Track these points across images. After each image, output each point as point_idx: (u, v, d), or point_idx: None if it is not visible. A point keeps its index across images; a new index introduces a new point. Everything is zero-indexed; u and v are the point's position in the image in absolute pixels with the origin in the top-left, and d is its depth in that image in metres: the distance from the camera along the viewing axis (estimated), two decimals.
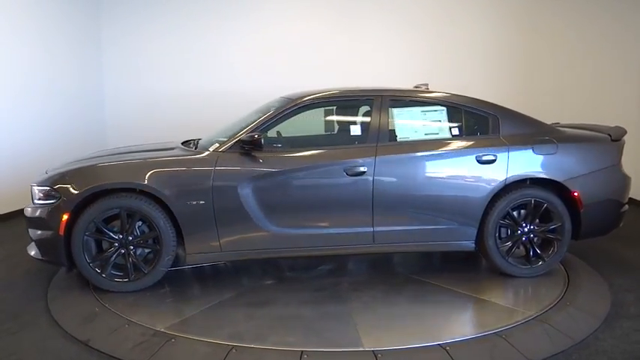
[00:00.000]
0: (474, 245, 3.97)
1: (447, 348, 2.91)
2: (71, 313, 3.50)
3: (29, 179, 4.10)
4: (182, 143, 4.35)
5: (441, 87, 4.25)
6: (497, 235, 3.93)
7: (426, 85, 4.37)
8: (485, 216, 3.90)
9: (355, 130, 4.07)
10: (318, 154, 3.91)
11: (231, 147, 3.81)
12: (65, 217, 3.65)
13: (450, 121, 4.04)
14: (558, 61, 6.94)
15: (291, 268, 4.37)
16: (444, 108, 4.04)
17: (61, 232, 3.66)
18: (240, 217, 3.73)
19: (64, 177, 3.79)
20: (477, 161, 3.87)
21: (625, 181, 4.10)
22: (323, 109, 4.40)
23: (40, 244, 3.81)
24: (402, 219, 3.90)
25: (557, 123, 4.61)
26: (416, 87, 4.34)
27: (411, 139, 3.97)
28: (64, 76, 7.19)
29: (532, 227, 3.96)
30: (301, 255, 4.09)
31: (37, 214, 3.77)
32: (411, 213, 3.90)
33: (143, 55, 7.84)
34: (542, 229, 3.96)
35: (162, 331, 3.16)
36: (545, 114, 4.75)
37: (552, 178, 3.92)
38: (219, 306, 3.56)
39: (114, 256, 3.75)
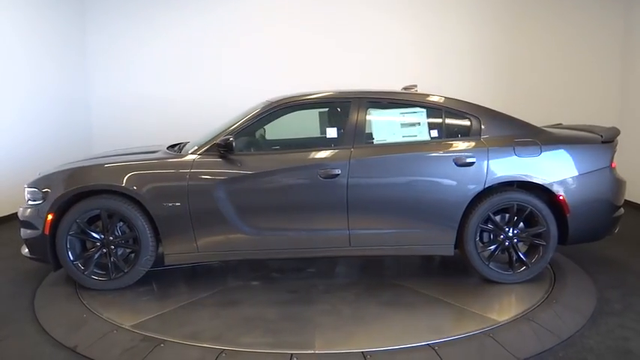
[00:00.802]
0: (453, 249, 3.90)
1: (436, 348, 2.93)
2: (59, 320, 3.48)
3: (13, 184, 4.08)
4: (168, 147, 4.36)
5: (429, 89, 4.26)
6: (477, 239, 3.83)
7: (415, 86, 4.36)
8: (464, 220, 3.81)
9: (331, 133, 4.05)
10: (292, 156, 3.94)
11: (207, 150, 3.89)
12: (50, 217, 3.81)
13: (429, 123, 3.96)
14: (542, 63, 7.01)
15: (275, 269, 4.39)
16: (424, 110, 3.98)
17: (47, 231, 3.81)
18: (215, 219, 3.80)
19: (49, 179, 3.94)
20: (455, 164, 3.78)
21: (618, 184, 3.94)
22: (304, 112, 4.37)
23: (29, 242, 3.96)
24: (378, 222, 3.85)
25: (560, 124, 4.57)
26: (404, 88, 4.33)
27: (388, 141, 3.91)
28: (49, 81, 7.12)
29: (515, 232, 3.86)
30: (278, 257, 4.15)
31: (27, 214, 3.92)
32: (388, 216, 3.84)
33: (128, 59, 7.78)
34: (526, 233, 3.87)
35: (151, 336, 3.14)
36: (534, 115, 4.75)
37: (535, 181, 3.80)
38: (189, 305, 3.64)
39: (96, 255, 3.88)
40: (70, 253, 3.85)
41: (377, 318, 3.39)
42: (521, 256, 3.86)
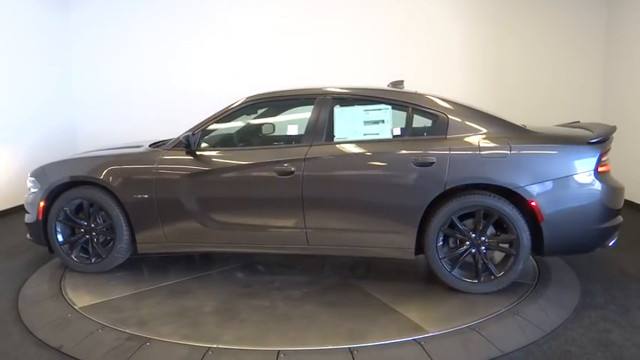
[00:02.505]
0: (413, 254, 3.70)
1: (422, 343, 2.96)
2: (43, 320, 3.44)
3: None
4: (150, 145, 4.42)
5: (418, 86, 4.26)
6: (438, 245, 3.61)
7: (402, 82, 4.26)
8: (425, 224, 3.62)
9: (292, 130, 4.06)
10: (250, 153, 3.98)
11: (175, 145, 4.05)
12: (42, 204, 4.22)
13: (394, 120, 3.81)
14: (527, 61, 7.07)
15: (249, 262, 4.44)
16: (389, 107, 3.82)
17: (40, 216, 4.22)
18: (180, 212, 3.96)
19: (43, 169, 4.35)
20: (414, 164, 3.58)
21: (607, 190, 3.50)
22: (274, 108, 4.41)
23: (29, 226, 4.38)
24: (335, 222, 3.76)
25: (578, 122, 4.21)
26: (390, 84, 4.28)
27: (348, 139, 3.80)
28: (33, 78, 7.04)
29: (483, 239, 3.59)
30: (240, 252, 4.19)
31: (27, 200, 4.37)
32: (345, 216, 3.74)
33: (112, 57, 7.71)
34: (494, 241, 3.60)
35: (137, 335, 3.13)
36: (519, 113, 4.78)
37: (501, 184, 3.49)
38: (143, 293, 3.84)
39: (80, 240, 4.23)
40: (58, 237, 4.23)
41: (304, 317, 3.36)
42: (489, 266, 3.60)
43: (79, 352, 3.00)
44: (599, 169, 3.48)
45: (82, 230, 4.21)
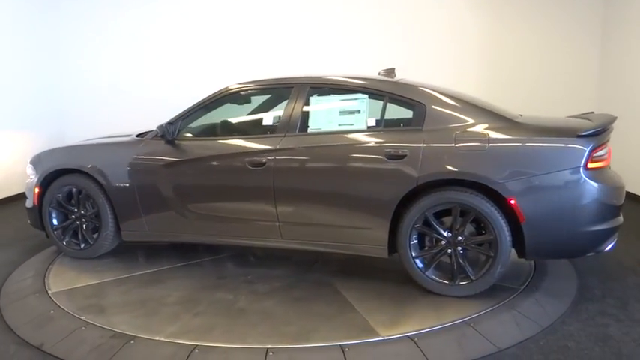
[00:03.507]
0: (387, 252, 3.50)
1: (416, 339, 2.87)
2: (25, 317, 3.34)
3: None
4: (137, 134, 4.35)
5: (411, 74, 4.14)
6: (412, 243, 3.40)
7: (393, 69, 4.10)
8: (398, 220, 3.43)
9: (268, 120, 3.96)
10: (225, 144, 3.89)
11: (156, 135, 4.05)
12: (37, 190, 4.34)
13: (370, 110, 3.62)
14: (523, 51, 6.95)
15: (233, 254, 4.38)
16: (366, 96, 3.65)
17: (36, 202, 4.36)
18: (158, 202, 3.99)
19: (39, 157, 4.48)
20: (387, 157, 3.38)
21: (601, 189, 3.16)
22: (252, 97, 4.31)
23: (28, 211, 4.51)
24: (307, 215, 3.63)
25: (592, 112, 3.91)
26: (381, 72, 4.14)
27: (322, 130, 3.66)
28: (21, 68, 6.88)
29: (459, 238, 3.35)
30: (216, 243, 4.12)
31: (27, 187, 4.49)
32: (317, 210, 3.60)
33: (100, 43, 7.55)
34: (470, 241, 3.35)
35: (120, 332, 3.03)
36: (514, 103, 4.63)
37: (476, 180, 3.23)
38: (120, 280, 3.89)
39: (71, 226, 4.33)
40: (53, 222, 4.35)
41: (259, 313, 3.27)
42: (465, 267, 3.35)
43: (60, 351, 2.91)
44: (590, 165, 3.14)
45: (73, 217, 4.31)
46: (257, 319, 3.19)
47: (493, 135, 3.26)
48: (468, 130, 3.32)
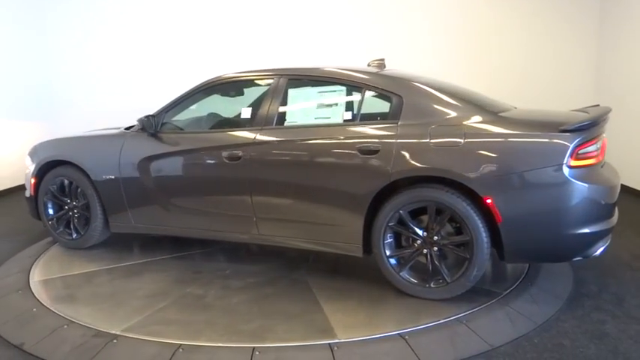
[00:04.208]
0: (361, 251, 3.37)
1: (406, 337, 2.79)
2: (7, 315, 3.25)
3: None
4: (127, 127, 4.32)
5: (403, 66, 4.04)
6: (386, 242, 3.25)
7: (382, 60, 3.96)
8: (372, 219, 3.28)
9: (247, 113, 3.83)
10: (204, 137, 3.88)
11: (138, 128, 4.09)
12: (33, 180, 4.44)
13: (347, 103, 3.50)
14: (520, 43, 6.85)
15: (214, 248, 4.33)
16: (344, 88, 3.53)
17: (32, 192, 4.46)
18: (141, 194, 4.01)
19: (35, 148, 4.57)
20: (359, 152, 3.25)
21: (588, 188, 2.91)
22: (234, 90, 4.25)
23: (27, 201, 4.59)
24: (282, 211, 3.55)
25: (597, 105, 3.67)
26: (371, 63, 4.01)
27: (298, 123, 3.58)
28: (10, 61, 6.76)
29: (435, 238, 3.17)
30: (196, 237, 4.07)
31: (26, 177, 4.55)
32: (291, 206, 3.51)
33: (88, 33, 7.44)
34: (446, 242, 3.16)
35: (104, 331, 2.94)
36: (510, 96, 4.55)
37: (450, 177, 3.04)
38: (99, 272, 3.93)
39: (64, 217, 4.40)
40: (48, 212, 4.42)
41: (223, 310, 3.20)
42: (441, 269, 3.17)
43: (41, 350, 2.83)
44: (574, 162, 2.89)
45: (66, 207, 4.37)
46: (217, 316, 3.12)
47: (469, 130, 3.06)
48: (445, 124, 3.14)
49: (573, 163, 2.89)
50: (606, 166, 3.34)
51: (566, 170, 2.87)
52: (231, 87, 4.16)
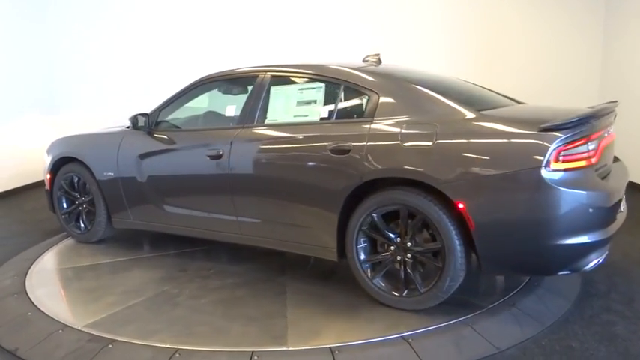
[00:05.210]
0: (336, 255, 3.21)
1: (410, 340, 2.70)
2: (1, 319, 3.19)
3: None
4: (128, 126, 4.30)
5: (402, 61, 3.95)
6: (359, 246, 3.08)
7: (378, 55, 3.79)
8: (346, 222, 3.13)
9: (230, 111, 3.80)
10: (194, 134, 3.94)
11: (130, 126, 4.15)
12: (49, 176, 4.61)
13: (325, 100, 3.37)
14: (524, 39, 6.75)
15: (206, 247, 4.26)
16: (322, 85, 3.40)
17: (48, 187, 4.65)
18: (136, 192, 4.07)
19: (52, 145, 4.71)
20: (331, 152, 3.10)
21: (573, 194, 2.59)
22: (223, 88, 4.19)
23: (46, 194, 4.72)
24: (261, 211, 3.49)
25: (615, 101, 3.27)
26: (366, 58, 3.80)
27: (278, 121, 3.52)
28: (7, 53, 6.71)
29: (409, 245, 2.97)
30: (185, 235, 4.04)
31: (44, 173, 4.69)
32: (269, 206, 3.45)
33: (91, 33, 7.38)
34: (419, 249, 2.95)
35: (99, 336, 2.87)
36: (515, 92, 4.44)
37: (421, 179, 2.82)
38: (89, 267, 4.03)
39: (74, 212, 4.53)
40: (62, 206, 4.58)
41: (188, 311, 3.17)
42: (414, 278, 2.97)
43: (35, 356, 2.78)
44: (556, 164, 2.57)
45: (76, 202, 4.50)
46: (178, 317, 3.09)
47: (442, 129, 2.82)
48: (418, 123, 2.93)
49: (555, 166, 2.58)
50: (615, 165, 3.18)
51: (545, 174, 2.56)
52: (220, 85, 4.12)
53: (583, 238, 2.64)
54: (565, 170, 2.60)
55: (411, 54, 6.41)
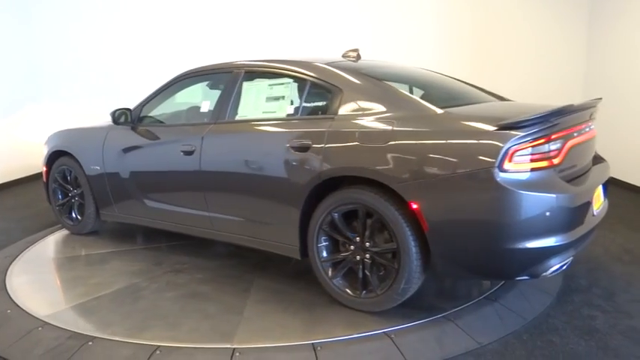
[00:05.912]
0: (299, 254, 3.20)
1: (392, 336, 2.70)
2: None
3: None
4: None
5: (388, 56, 3.94)
6: (319, 245, 3.06)
7: (357, 50, 3.76)
8: (308, 220, 3.10)
9: (205, 107, 3.79)
10: (171, 130, 4.02)
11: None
12: (44, 168, 4.74)
13: (292, 96, 3.35)
14: (508, 32, 6.79)
15: (193, 243, 4.22)
16: (291, 80, 3.37)
17: (45, 179, 4.77)
18: (120, 186, 4.13)
19: (49, 138, 4.77)
20: (292, 148, 3.09)
21: (531, 197, 2.47)
22: (202, 83, 4.18)
23: (43, 186, 4.84)
24: (230, 207, 3.50)
25: (599, 99, 3.16)
26: (345, 54, 3.78)
27: (248, 117, 3.50)
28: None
29: (367, 245, 2.90)
30: (168, 229, 4.03)
31: (42, 165, 4.75)
32: (236, 202, 3.45)
33: (78, 25, 7.30)
34: (376, 250, 2.88)
35: (79, 333, 2.83)
36: (498, 86, 4.47)
37: (375, 178, 2.77)
38: (72, 258, 4.12)
39: (67, 204, 4.63)
40: (58, 198, 4.67)
41: (150, 305, 3.17)
42: (371, 279, 2.92)
43: (13, 354, 2.72)
44: (510, 165, 2.47)
45: (70, 195, 4.59)
46: (137, 310, 3.11)
47: (398, 127, 2.76)
48: (376, 120, 2.87)
49: (509, 166, 2.47)
50: (596, 166, 3.13)
51: (498, 174, 2.45)
52: (199, 80, 4.09)
53: (541, 243, 2.52)
54: (521, 171, 2.50)
55: (402, 50, 6.43)
